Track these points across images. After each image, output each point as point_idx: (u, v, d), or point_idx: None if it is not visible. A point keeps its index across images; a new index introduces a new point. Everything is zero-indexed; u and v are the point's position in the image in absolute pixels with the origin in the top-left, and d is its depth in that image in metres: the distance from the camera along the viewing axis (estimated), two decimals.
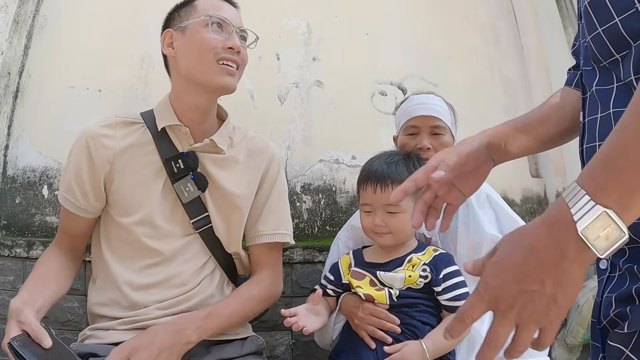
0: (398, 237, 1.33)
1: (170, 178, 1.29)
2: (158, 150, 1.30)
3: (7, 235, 1.86)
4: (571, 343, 2.21)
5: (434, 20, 2.41)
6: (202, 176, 1.30)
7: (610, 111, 0.72)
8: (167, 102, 1.33)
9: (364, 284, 1.34)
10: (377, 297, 1.30)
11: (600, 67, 0.74)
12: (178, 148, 1.31)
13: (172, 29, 1.31)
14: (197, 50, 1.25)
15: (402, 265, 1.32)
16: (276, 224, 1.39)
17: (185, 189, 1.28)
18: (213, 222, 1.32)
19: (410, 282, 1.30)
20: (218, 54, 1.25)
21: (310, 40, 2.17)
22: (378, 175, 1.32)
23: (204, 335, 1.22)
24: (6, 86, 1.95)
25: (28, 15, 2.01)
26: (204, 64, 1.25)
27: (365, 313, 1.31)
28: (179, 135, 1.31)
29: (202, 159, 1.32)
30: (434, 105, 1.50)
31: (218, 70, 1.25)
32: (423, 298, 1.30)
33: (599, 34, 0.72)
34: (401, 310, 1.30)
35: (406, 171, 1.32)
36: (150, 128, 1.31)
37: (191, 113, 1.31)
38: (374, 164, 1.37)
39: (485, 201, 1.47)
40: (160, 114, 1.32)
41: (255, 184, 1.37)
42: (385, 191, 1.30)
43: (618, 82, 0.71)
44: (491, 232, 1.40)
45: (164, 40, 1.32)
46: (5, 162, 1.93)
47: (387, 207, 1.31)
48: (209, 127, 1.35)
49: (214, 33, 1.26)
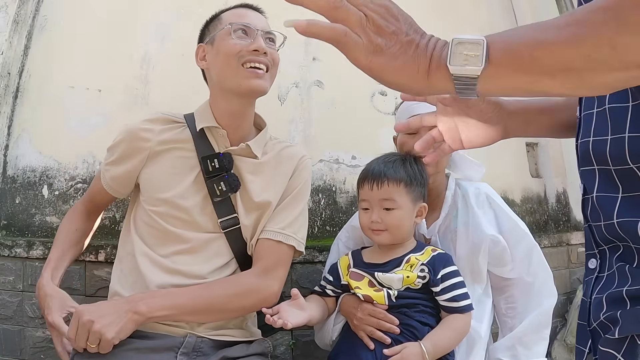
0: (395, 235, 1.34)
1: (205, 175, 1.32)
2: (196, 148, 1.35)
3: (7, 235, 1.86)
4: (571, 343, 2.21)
5: (434, 20, 2.39)
6: (235, 177, 1.34)
7: (606, 106, 0.72)
8: (207, 106, 1.39)
9: (362, 285, 1.34)
10: (376, 297, 1.31)
11: None
12: (215, 149, 1.35)
13: (203, 43, 1.39)
14: (223, 57, 1.31)
15: (401, 266, 1.32)
16: (284, 224, 1.36)
17: (218, 187, 1.32)
18: (242, 224, 1.34)
19: (408, 283, 1.30)
20: (243, 57, 1.29)
21: (310, 40, 2.16)
22: (375, 173, 1.35)
23: (155, 311, 1.20)
24: (6, 86, 1.95)
25: (28, 15, 2.01)
26: (231, 69, 1.30)
27: (364, 314, 1.31)
28: (217, 137, 1.36)
29: (237, 162, 1.36)
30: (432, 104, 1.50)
31: (245, 74, 1.29)
32: (422, 298, 1.31)
33: None
34: (400, 310, 1.30)
35: (403, 170, 1.34)
36: (191, 128, 1.37)
37: (228, 118, 1.36)
38: (372, 164, 1.40)
39: (485, 201, 1.48)
40: (200, 116, 1.37)
41: (282, 188, 1.39)
42: (382, 188, 1.32)
43: None
44: (490, 232, 1.40)
45: (197, 55, 1.39)
46: (5, 162, 1.93)
47: (383, 203, 1.33)
48: (246, 133, 1.40)
49: (238, 39, 1.30)
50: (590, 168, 0.76)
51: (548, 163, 2.62)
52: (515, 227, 1.44)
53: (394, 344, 1.26)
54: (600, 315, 0.70)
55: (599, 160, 0.74)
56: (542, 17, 2.70)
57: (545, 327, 1.39)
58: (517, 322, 1.40)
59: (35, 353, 1.71)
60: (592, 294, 0.73)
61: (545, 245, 2.31)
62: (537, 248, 1.45)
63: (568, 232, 2.54)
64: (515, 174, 2.49)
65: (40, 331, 1.71)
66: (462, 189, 1.49)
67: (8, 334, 1.73)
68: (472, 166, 1.55)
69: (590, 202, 0.77)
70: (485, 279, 1.43)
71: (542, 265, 1.43)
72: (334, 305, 1.42)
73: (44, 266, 1.38)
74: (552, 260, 2.13)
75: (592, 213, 0.77)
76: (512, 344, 1.38)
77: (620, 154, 0.70)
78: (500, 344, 1.41)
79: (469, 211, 1.44)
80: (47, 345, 1.70)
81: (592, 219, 0.77)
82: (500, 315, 1.47)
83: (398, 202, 1.32)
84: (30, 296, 1.72)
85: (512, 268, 1.42)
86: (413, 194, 1.35)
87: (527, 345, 1.37)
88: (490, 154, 2.40)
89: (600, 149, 0.73)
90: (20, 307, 1.73)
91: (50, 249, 1.44)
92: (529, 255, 1.42)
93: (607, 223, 0.73)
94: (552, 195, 2.63)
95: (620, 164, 0.71)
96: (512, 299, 1.43)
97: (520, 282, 1.42)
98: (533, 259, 1.42)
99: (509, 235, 1.42)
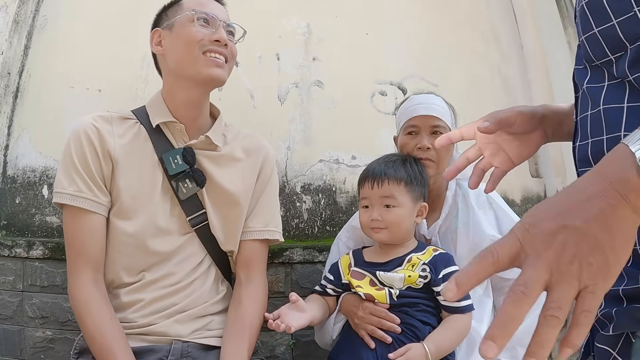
0: (394, 233, 1.34)
1: (167, 175, 1.27)
2: (154, 146, 1.28)
3: (7, 235, 1.86)
4: None
5: (434, 20, 2.41)
6: (199, 172, 1.29)
7: (601, 108, 0.72)
8: (160, 99, 1.33)
9: (364, 284, 1.34)
10: (378, 296, 1.30)
11: (592, 66, 0.74)
12: (174, 145, 1.30)
13: (159, 27, 1.33)
14: (183, 44, 1.26)
15: (402, 265, 1.32)
16: (266, 221, 1.39)
17: (184, 185, 1.27)
18: (209, 219, 1.31)
19: (410, 282, 1.30)
20: (204, 46, 1.26)
21: (310, 40, 2.17)
22: (375, 173, 1.36)
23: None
24: (6, 86, 1.95)
25: (28, 15, 2.01)
26: (191, 56, 1.25)
27: (366, 312, 1.31)
28: (174, 132, 1.31)
29: (198, 156, 1.31)
30: (434, 105, 1.49)
31: (205, 62, 1.26)
32: (423, 298, 1.30)
33: (594, 34, 0.71)
34: (401, 310, 1.30)
35: (403, 170, 1.35)
36: (145, 125, 1.30)
37: (185, 109, 1.31)
38: (373, 164, 1.41)
39: (485, 202, 1.47)
40: (154, 111, 1.31)
41: (252, 182, 1.37)
42: (382, 186, 1.33)
43: (610, 80, 0.71)
44: (490, 232, 1.41)
45: (152, 39, 1.34)
46: (5, 162, 1.93)
47: (383, 200, 1.33)
48: (202, 124, 1.35)
49: (200, 27, 1.27)
50: (588, 169, 0.76)
51: (548, 163, 2.62)
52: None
53: (395, 343, 1.26)
54: (597, 313, 0.70)
55: (597, 161, 0.74)
56: (542, 17, 2.71)
57: None
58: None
59: (35, 353, 1.71)
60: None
61: None
62: None
63: None
64: (515, 174, 2.47)
65: (40, 331, 1.71)
66: (463, 189, 1.49)
67: (8, 334, 1.73)
68: (472, 166, 1.54)
69: None
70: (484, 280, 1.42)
71: None
72: (335, 305, 1.42)
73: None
74: None
75: None
76: (512, 345, 1.37)
77: None
78: None
79: (470, 211, 1.44)
80: (47, 345, 1.70)
81: None
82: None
83: (398, 200, 1.33)
84: (30, 296, 1.72)
85: (512, 268, 1.41)
86: (413, 193, 1.35)
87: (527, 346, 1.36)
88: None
89: (598, 150, 0.73)
90: (20, 307, 1.73)
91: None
92: None
93: None
94: (552, 195, 2.63)
95: None
96: None
97: None
98: None
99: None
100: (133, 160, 1.26)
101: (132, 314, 1.23)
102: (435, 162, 1.44)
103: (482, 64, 2.51)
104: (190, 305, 1.26)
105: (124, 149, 1.26)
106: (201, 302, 1.28)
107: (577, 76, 0.79)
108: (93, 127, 1.26)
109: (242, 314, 1.28)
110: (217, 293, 1.34)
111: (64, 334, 1.69)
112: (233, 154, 1.36)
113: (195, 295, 1.28)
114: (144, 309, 1.23)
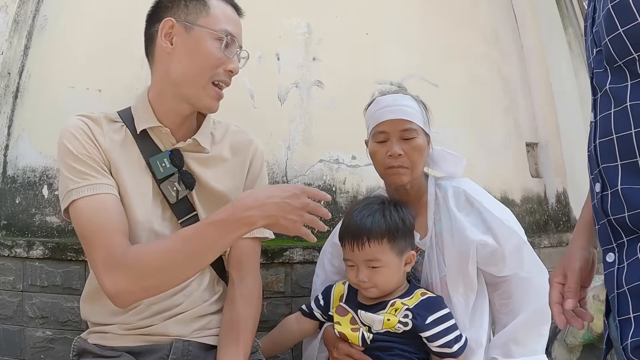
0: (384, 289, 1.33)
1: (156, 179, 1.24)
2: (140, 150, 1.24)
3: (7, 235, 1.86)
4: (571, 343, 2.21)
5: (434, 20, 2.41)
6: (188, 174, 1.26)
7: (627, 104, 0.77)
8: (146, 102, 1.26)
9: (344, 322, 1.35)
10: (351, 337, 1.32)
11: (614, 68, 0.79)
12: (160, 148, 1.26)
13: (175, 19, 1.19)
14: (199, 62, 1.19)
15: (385, 309, 1.32)
16: None
17: (173, 189, 1.24)
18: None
19: (389, 326, 1.29)
20: (217, 76, 1.21)
21: (310, 40, 2.17)
22: (355, 233, 1.31)
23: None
24: (6, 86, 1.96)
25: (28, 15, 2.02)
26: (201, 80, 1.20)
27: (340, 353, 1.33)
28: (160, 135, 1.26)
29: (186, 159, 1.27)
30: (402, 106, 1.38)
31: (211, 93, 1.22)
32: (399, 342, 1.29)
33: (619, 35, 0.76)
34: (373, 353, 1.30)
35: (384, 223, 1.30)
36: (130, 129, 1.25)
37: (174, 117, 1.26)
38: (352, 218, 1.34)
39: (465, 202, 1.40)
40: (139, 115, 1.26)
41: (242, 179, 1.35)
42: (364, 249, 1.29)
43: (633, 79, 0.76)
44: (477, 237, 1.35)
45: (162, 28, 1.19)
46: (5, 162, 1.93)
47: (368, 263, 1.30)
48: (189, 126, 1.31)
49: (223, 50, 1.20)
50: (613, 164, 0.81)
51: (548, 163, 2.62)
52: (502, 225, 1.37)
53: None
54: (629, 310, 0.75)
55: (624, 155, 0.79)
56: (542, 17, 2.71)
57: (542, 324, 1.35)
58: (510, 319, 1.36)
59: (35, 353, 1.71)
60: (616, 287, 0.78)
61: (545, 245, 2.31)
62: (527, 245, 1.40)
63: (568, 232, 2.54)
64: (515, 174, 2.49)
65: (40, 331, 1.71)
66: (442, 189, 1.43)
67: (8, 334, 1.73)
68: (452, 161, 1.48)
69: (611, 197, 0.81)
70: (476, 284, 1.39)
71: (534, 261, 1.39)
72: (314, 328, 1.45)
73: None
74: (552, 260, 2.13)
75: (613, 207, 0.81)
76: (505, 342, 1.35)
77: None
78: (493, 342, 1.38)
79: (451, 216, 1.38)
80: (47, 345, 1.70)
81: (614, 212, 0.81)
82: (495, 312, 1.43)
83: (383, 261, 1.29)
84: (30, 296, 1.72)
85: (504, 266, 1.37)
86: (398, 248, 1.31)
87: (522, 343, 1.33)
88: (490, 154, 2.40)
89: (627, 143, 0.78)
90: (20, 307, 1.73)
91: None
92: (519, 252, 1.37)
93: (632, 213, 0.77)
94: (552, 195, 2.63)
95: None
96: (506, 294, 1.39)
97: (515, 278, 1.37)
98: (524, 255, 1.38)
99: (497, 233, 1.36)
100: (123, 163, 1.22)
101: (130, 317, 1.23)
102: (409, 169, 1.36)
103: (482, 64, 2.52)
104: (189, 306, 1.26)
105: (114, 151, 1.22)
106: (200, 303, 1.28)
107: (598, 79, 0.84)
108: (84, 124, 1.20)
109: (236, 317, 1.26)
110: (214, 293, 1.33)
111: (64, 334, 1.69)
112: (221, 153, 1.33)
113: (193, 297, 1.27)
114: (142, 312, 1.23)
